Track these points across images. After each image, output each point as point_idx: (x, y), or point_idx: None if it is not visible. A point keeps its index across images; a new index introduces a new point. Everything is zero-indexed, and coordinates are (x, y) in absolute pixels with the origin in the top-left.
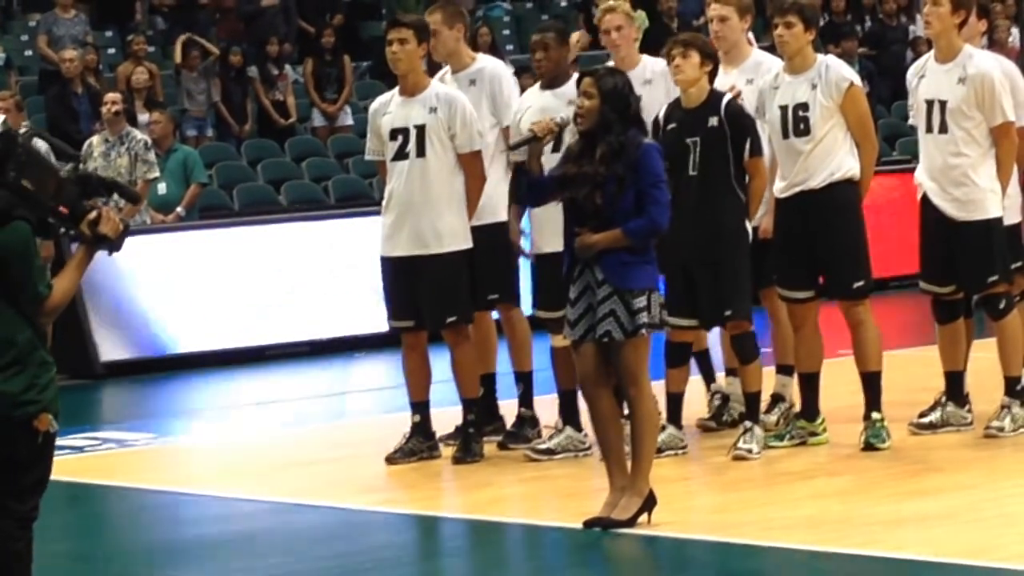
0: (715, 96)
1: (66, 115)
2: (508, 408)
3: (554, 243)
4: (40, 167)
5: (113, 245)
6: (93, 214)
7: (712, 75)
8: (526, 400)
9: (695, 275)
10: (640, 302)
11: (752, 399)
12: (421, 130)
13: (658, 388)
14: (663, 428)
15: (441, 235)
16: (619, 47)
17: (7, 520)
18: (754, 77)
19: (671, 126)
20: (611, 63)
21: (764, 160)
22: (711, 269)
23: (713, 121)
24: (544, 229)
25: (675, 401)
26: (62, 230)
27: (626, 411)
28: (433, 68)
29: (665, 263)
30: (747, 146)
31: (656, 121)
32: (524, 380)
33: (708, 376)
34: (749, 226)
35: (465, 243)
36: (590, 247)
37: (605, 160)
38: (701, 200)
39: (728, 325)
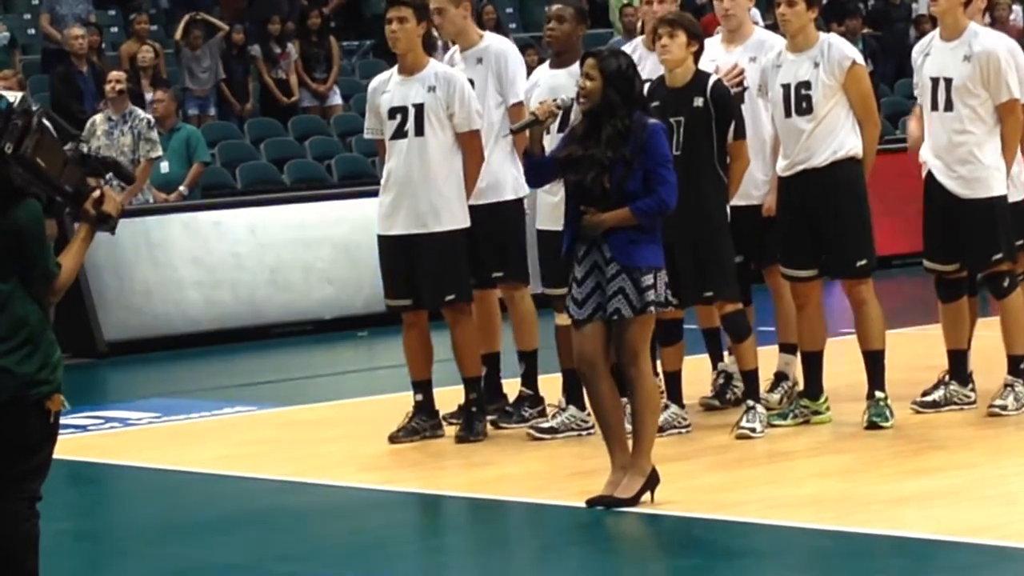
0: (701, 76)
1: (71, 94)
2: (512, 387)
3: (554, 222)
4: (51, 145)
5: (114, 224)
6: (96, 193)
7: (697, 55)
8: (528, 379)
9: (676, 254)
10: (648, 280)
11: (749, 377)
12: (420, 109)
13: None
14: (666, 407)
15: (439, 214)
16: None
17: (19, 501)
18: (757, 55)
19: (654, 104)
20: (639, 40)
21: (747, 143)
22: (691, 249)
23: (698, 102)
24: (546, 207)
25: (674, 379)
26: (66, 209)
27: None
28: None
29: None
30: (731, 128)
31: None
32: (527, 359)
33: (715, 355)
34: (727, 208)
35: (463, 222)
36: (598, 225)
37: (612, 144)
38: (683, 180)
39: (717, 305)
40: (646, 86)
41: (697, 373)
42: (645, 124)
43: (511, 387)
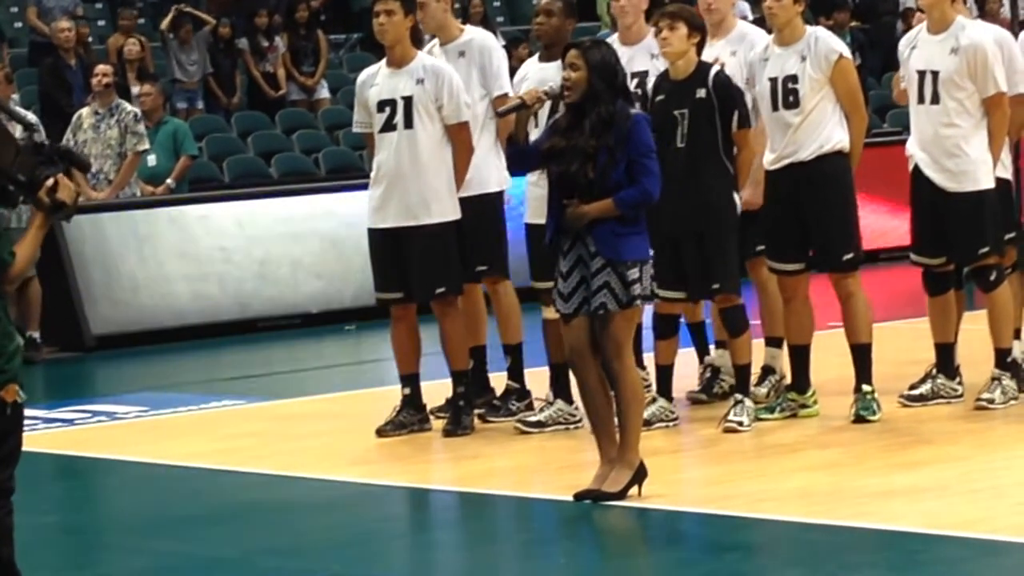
0: (703, 68)
1: (59, 87)
2: (499, 381)
3: (545, 215)
4: (2, 136)
5: (69, 213)
6: (50, 181)
7: (700, 47)
8: (515, 372)
9: (682, 248)
10: (633, 274)
11: (742, 372)
12: (408, 101)
13: (648, 360)
14: (653, 400)
15: (430, 206)
16: (627, 14)
17: None
18: (737, 49)
19: (659, 98)
20: (615, 35)
21: (752, 132)
22: (698, 242)
23: (701, 93)
24: (536, 201)
25: (665, 373)
26: (20, 198)
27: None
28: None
29: (653, 235)
30: (735, 118)
31: (645, 93)
32: (512, 353)
33: (702, 349)
34: (737, 198)
35: (453, 214)
36: (581, 217)
37: (596, 132)
38: (689, 172)
39: (717, 298)
40: (651, 81)
41: (684, 367)
42: (628, 114)
43: (496, 381)
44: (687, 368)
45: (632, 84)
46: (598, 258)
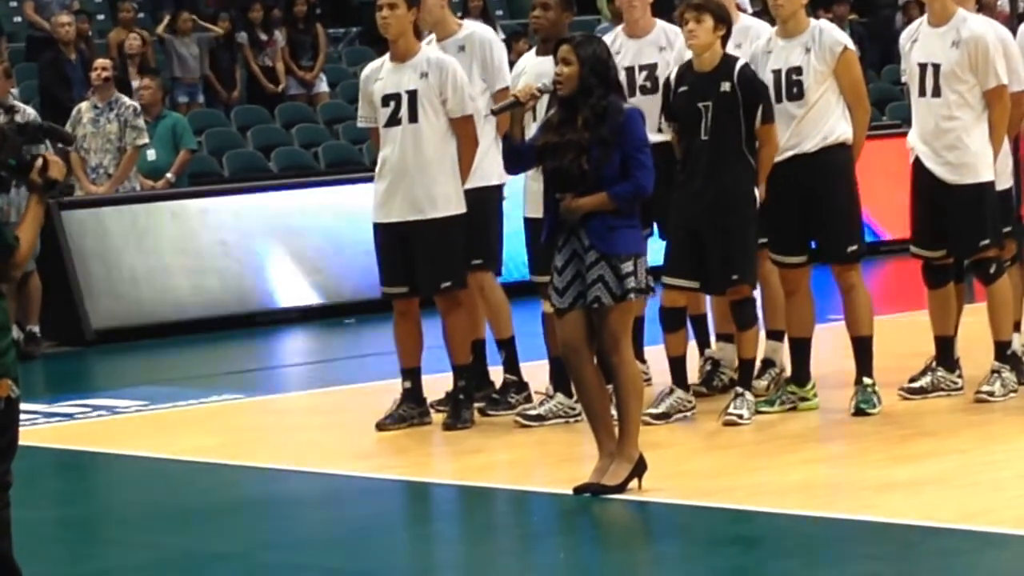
0: (728, 61)
1: (59, 82)
2: (498, 375)
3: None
4: None
5: (62, 188)
6: (39, 161)
7: (725, 39)
8: (511, 366)
9: (703, 239)
10: (628, 267)
11: (747, 365)
12: (413, 95)
13: (658, 353)
14: (671, 391)
15: (435, 200)
16: (635, 8)
17: None
18: (742, 42)
19: (682, 89)
20: (620, 28)
21: (775, 127)
22: (720, 234)
23: (726, 86)
24: (534, 195)
25: (678, 364)
26: (13, 183)
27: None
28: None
29: (672, 225)
30: (759, 112)
31: (667, 83)
32: (505, 346)
33: (703, 342)
34: (757, 192)
35: (459, 208)
36: (575, 211)
37: (588, 125)
38: (712, 164)
39: (731, 290)
40: (674, 71)
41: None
42: (621, 108)
43: (492, 376)
44: (688, 360)
45: (641, 77)
46: (592, 252)
